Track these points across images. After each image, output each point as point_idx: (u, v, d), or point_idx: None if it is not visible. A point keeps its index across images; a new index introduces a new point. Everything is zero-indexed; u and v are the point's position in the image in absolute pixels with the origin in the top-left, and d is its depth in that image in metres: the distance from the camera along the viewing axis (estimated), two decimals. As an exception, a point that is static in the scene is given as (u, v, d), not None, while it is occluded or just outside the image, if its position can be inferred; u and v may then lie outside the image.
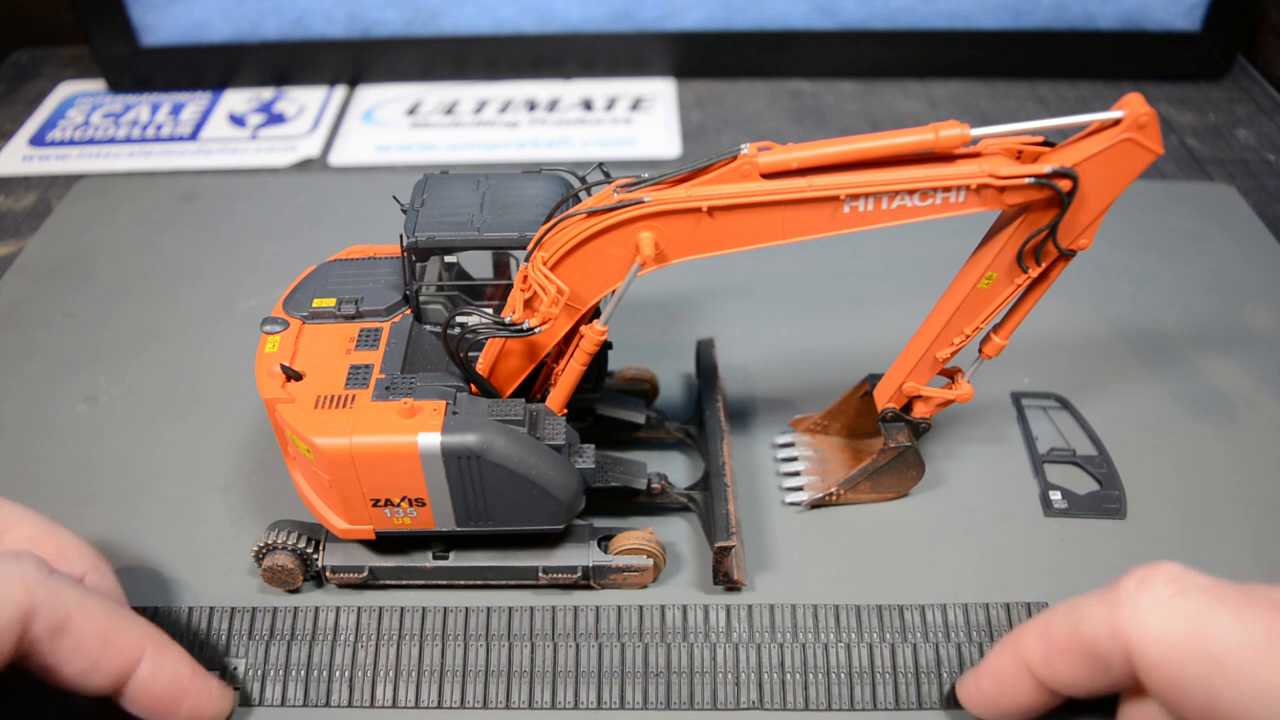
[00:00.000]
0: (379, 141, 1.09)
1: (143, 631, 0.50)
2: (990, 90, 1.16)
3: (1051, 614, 0.49)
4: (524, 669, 0.58)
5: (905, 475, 0.66)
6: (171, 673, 0.51)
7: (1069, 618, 0.48)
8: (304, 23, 1.13)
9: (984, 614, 0.60)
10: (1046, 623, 0.49)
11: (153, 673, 0.50)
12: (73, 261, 0.91)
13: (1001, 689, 0.51)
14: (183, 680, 0.51)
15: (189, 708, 0.52)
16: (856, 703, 0.56)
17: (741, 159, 0.50)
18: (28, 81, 1.21)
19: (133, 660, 0.49)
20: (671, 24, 1.14)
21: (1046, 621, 0.49)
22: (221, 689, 0.54)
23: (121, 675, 0.49)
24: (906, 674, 0.57)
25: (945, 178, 0.50)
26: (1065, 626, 0.48)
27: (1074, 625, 0.47)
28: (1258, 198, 0.97)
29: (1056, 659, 0.48)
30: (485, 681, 0.57)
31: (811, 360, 0.78)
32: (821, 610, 0.60)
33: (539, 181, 0.60)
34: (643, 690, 0.57)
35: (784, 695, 0.57)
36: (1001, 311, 0.58)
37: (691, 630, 0.59)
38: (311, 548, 0.60)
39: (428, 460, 0.53)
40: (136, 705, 0.50)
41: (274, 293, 0.63)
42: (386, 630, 0.59)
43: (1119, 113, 0.49)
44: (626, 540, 0.61)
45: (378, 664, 0.58)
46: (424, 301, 0.61)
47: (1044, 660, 0.49)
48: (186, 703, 0.51)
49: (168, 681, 0.50)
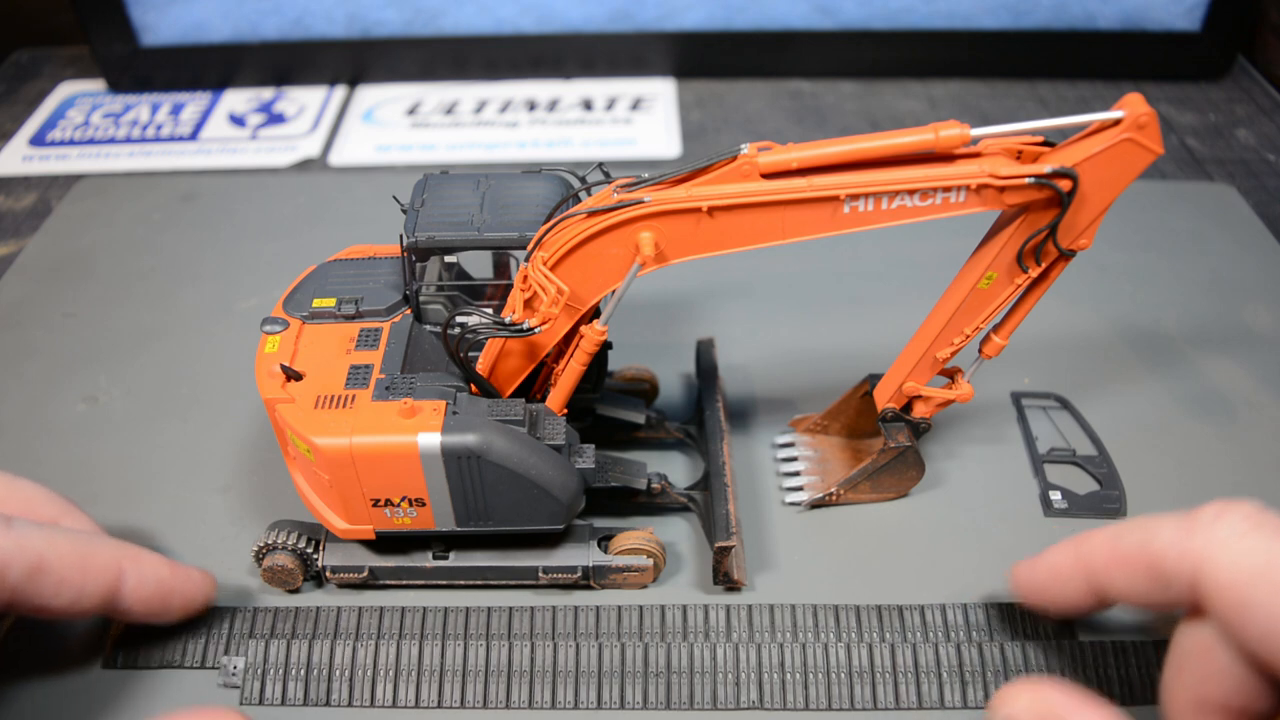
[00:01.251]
0: (379, 141, 1.09)
1: (115, 548, 0.54)
2: (990, 90, 1.16)
3: (1122, 527, 0.50)
4: (524, 668, 0.57)
5: (905, 475, 0.66)
6: (154, 576, 0.55)
7: (1140, 533, 0.48)
8: (304, 23, 1.13)
9: (983, 614, 0.60)
10: (1116, 533, 0.50)
11: (137, 581, 0.53)
12: (73, 261, 0.91)
13: (1053, 582, 0.53)
14: (165, 579, 0.55)
15: (179, 601, 0.56)
16: (857, 702, 0.56)
17: (741, 159, 0.50)
18: (28, 81, 1.21)
19: (114, 577, 0.52)
20: (671, 24, 1.14)
21: (1116, 531, 0.50)
22: (203, 576, 0.58)
23: (109, 593, 0.52)
24: (906, 674, 0.57)
25: (945, 178, 0.50)
26: (1135, 540, 0.48)
27: (1144, 541, 0.48)
28: (1258, 198, 0.97)
29: (1118, 568, 0.49)
30: (485, 681, 0.57)
31: (811, 360, 0.78)
32: (821, 610, 0.60)
33: (539, 181, 0.60)
34: (642, 690, 0.57)
35: (784, 695, 0.57)
36: (1001, 311, 0.58)
37: (691, 630, 0.59)
38: (311, 548, 0.60)
39: (428, 460, 0.53)
40: (132, 614, 0.54)
41: (274, 293, 0.63)
42: (387, 629, 0.59)
43: (1119, 113, 0.49)
44: (626, 540, 0.61)
45: (378, 663, 0.58)
46: (424, 301, 0.61)
47: (1105, 565, 0.50)
48: (175, 599, 0.56)
49: (152, 585, 0.54)
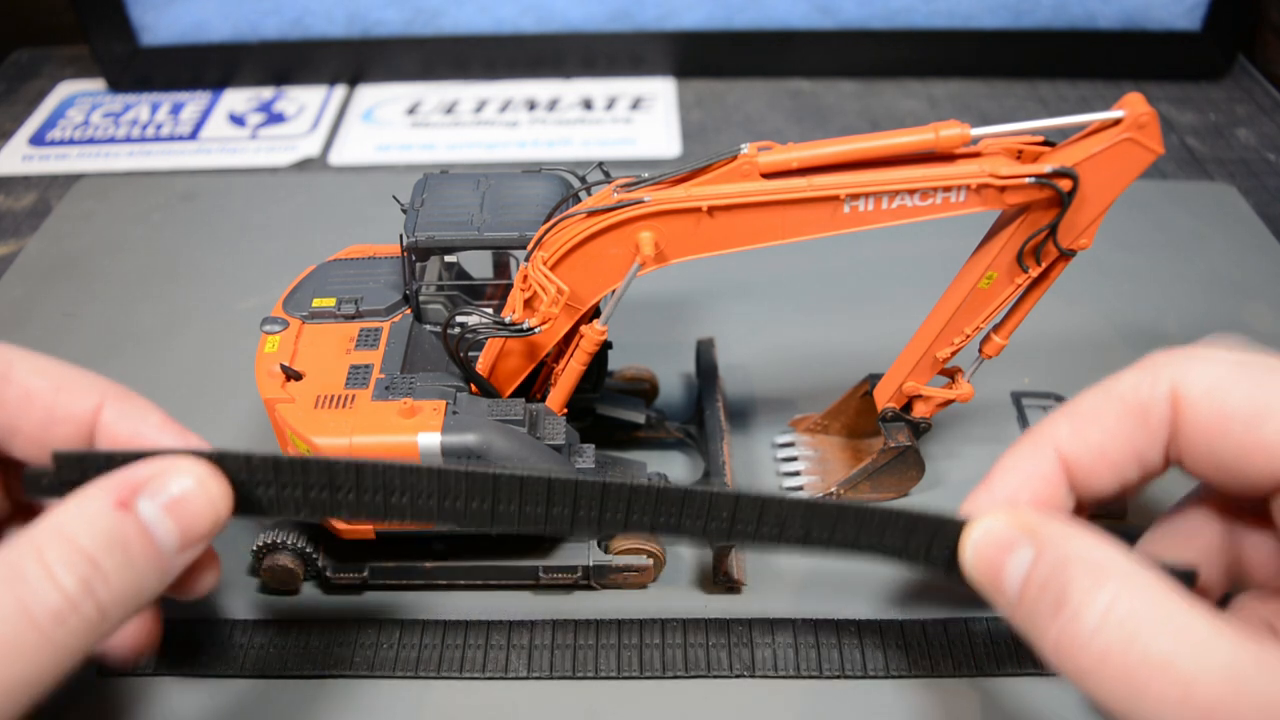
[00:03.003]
0: (379, 141, 1.09)
1: (102, 381, 0.47)
2: (990, 90, 1.16)
3: (1069, 404, 0.46)
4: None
5: (905, 475, 0.66)
6: (139, 414, 0.46)
7: (1097, 392, 0.45)
8: (304, 22, 1.13)
9: (984, 627, 0.60)
10: (1069, 405, 0.46)
11: (119, 415, 0.46)
12: (73, 261, 0.91)
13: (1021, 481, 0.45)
14: (153, 421, 0.46)
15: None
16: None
17: (741, 159, 0.50)
18: (28, 81, 1.21)
19: (92, 404, 0.45)
20: (671, 24, 1.14)
21: (1069, 404, 0.46)
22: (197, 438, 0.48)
23: (83, 421, 0.45)
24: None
25: (945, 177, 0.50)
26: (1094, 396, 0.45)
27: (1105, 392, 0.45)
28: (1258, 198, 0.97)
29: (1088, 426, 0.44)
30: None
31: (811, 360, 0.78)
32: (821, 612, 0.60)
33: (539, 181, 0.60)
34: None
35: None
36: (1001, 311, 0.58)
37: (691, 629, 0.59)
38: (312, 548, 0.60)
39: (428, 460, 0.53)
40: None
41: (274, 293, 0.63)
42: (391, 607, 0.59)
43: (1119, 112, 0.49)
44: (626, 540, 0.61)
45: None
46: (424, 301, 0.61)
47: (1073, 430, 0.45)
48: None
49: (135, 423, 0.46)
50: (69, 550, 0.38)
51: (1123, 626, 0.36)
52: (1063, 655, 0.37)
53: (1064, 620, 0.37)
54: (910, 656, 0.58)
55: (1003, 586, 0.41)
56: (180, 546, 0.41)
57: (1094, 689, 0.36)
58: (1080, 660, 0.37)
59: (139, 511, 0.40)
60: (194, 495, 0.41)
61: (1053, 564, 0.39)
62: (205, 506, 0.42)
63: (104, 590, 0.38)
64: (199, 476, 0.42)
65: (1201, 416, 0.42)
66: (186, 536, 0.41)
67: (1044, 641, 0.38)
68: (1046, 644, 0.38)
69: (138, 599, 0.40)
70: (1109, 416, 0.44)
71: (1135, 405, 0.44)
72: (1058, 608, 0.38)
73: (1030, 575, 0.39)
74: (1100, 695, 0.36)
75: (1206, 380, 0.42)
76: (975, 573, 0.42)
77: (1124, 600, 0.36)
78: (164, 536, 0.40)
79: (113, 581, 0.38)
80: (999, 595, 0.41)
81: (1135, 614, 0.36)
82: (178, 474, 0.41)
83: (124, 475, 0.41)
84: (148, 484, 0.41)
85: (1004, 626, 0.59)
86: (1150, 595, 0.36)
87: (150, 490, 0.41)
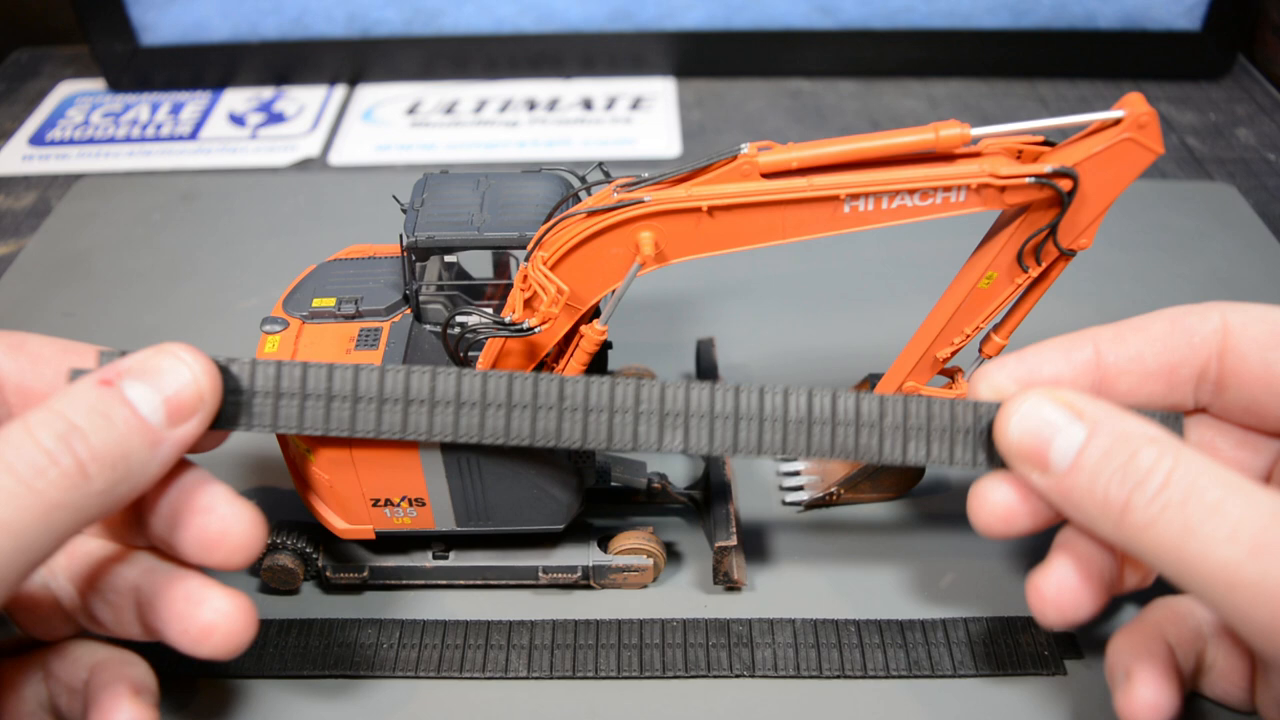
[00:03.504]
0: (379, 141, 1.09)
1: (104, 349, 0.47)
2: (990, 90, 1.16)
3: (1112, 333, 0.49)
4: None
5: (905, 475, 0.66)
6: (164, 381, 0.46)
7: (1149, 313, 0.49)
8: (304, 22, 1.13)
9: (984, 627, 0.60)
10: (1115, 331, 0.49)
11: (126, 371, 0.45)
12: (73, 261, 0.91)
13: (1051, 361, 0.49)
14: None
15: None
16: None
17: (741, 159, 0.50)
18: (27, 81, 1.21)
19: (94, 363, 0.46)
20: (671, 23, 1.14)
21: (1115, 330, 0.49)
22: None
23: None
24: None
25: (945, 177, 0.50)
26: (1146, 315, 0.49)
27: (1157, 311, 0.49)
28: (1258, 197, 0.97)
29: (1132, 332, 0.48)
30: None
31: (811, 360, 0.78)
32: (821, 612, 0.60)
33: (539, 181, 0.60)
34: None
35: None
36: (1002, 311, 0.58)
37: (691, 629, 0.59)
38: (312, 547, 0.60)
39: (428, 460, 0.53)
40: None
41: (274, 292, 0.63)
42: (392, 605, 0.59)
43: (1119, 112, 0.49)
44: (626, 540, 0.61)
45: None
46: (424, 301, 0.61)
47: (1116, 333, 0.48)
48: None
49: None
50: (50, 416, 0.41)
51: (1181, 485, 0.41)
52: (1127, 514, 0.42)
53: (1131, 484, 0.42)
54: (910, 656, 0.58)
55: (1049, 461, 0.44)
56: (168, 419, 0.44)
57: (1149, 542, 0.41)
58: (1142, 515, 0.41)
59: (122, 387, 0.43)
60: (175, 370, 0.44)
61: (1114, 436, 0.43)
62: (188, 380, 0.44)
63: (82, 447, 0.41)
64: (180, 355, 0.45)
65: (1248, 343, 0.46)
66: (171, 409, 0.44)
67: (1105, 507, 0.42)
68: (1110, 509, 0.42)
69: (125, 463, 0.42)
70: (1154, 327, 0.48)
71: (1183, 324, 0.48)
72: (1125, 475, 0.42)
73: (1086, 449, 0.43)
74: (1154, 547, 0.41)
75: (1256, 314, 0.47)
76: (1018, 447, 0.46)
77: (1183, 465, 0.41)
78: (148, 408, 0.43)
79: (92, 440, 0.41)
80: (1042, 466, 0.45)
81: (1192, 474, 0.41)
82: (160, 356, 0.45)
83: (112, 364, 0.44)
84: (132, 367, 0.44)
85: (1003, 627, 0.59)
86: (1202, 461, 0.42)
87: (134, 371, 0.44)
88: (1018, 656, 0.58)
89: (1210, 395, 0.49)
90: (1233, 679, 0.52)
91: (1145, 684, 0.48)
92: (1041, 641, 0.58)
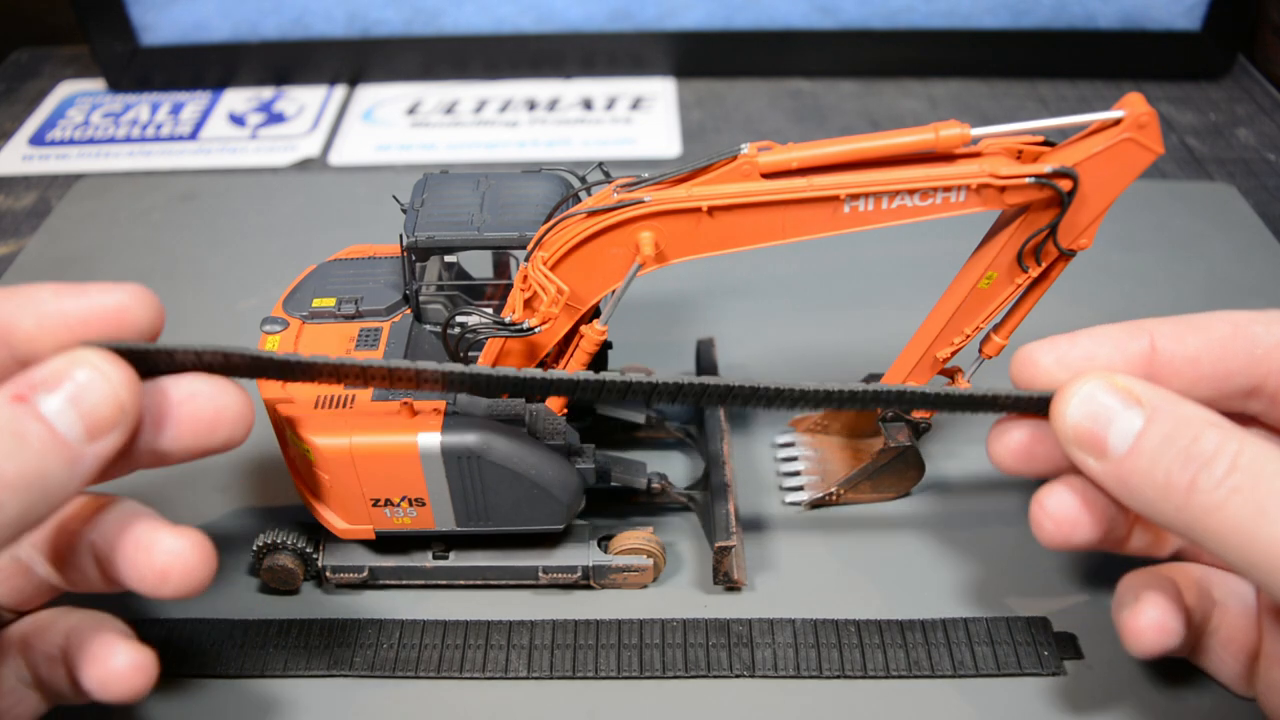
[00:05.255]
0: (379, 141, 1.09)
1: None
2: (990, 90, 1.16)
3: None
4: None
5: (905, 475, 0.66)
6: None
7: (1213, 313, 0.48)
8: (304, 22, 1.13)
9: (984, 628, 0.60)
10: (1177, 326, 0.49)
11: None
12: (73, 261, 0.91)
13: (1104, 347, 0.48)
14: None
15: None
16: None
17: (741, 159, 0.50)
18: (28, 81, 1.21)
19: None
20: (671, 23, 1.14)
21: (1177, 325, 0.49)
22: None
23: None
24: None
25: (945, 177, 0.50)
26: (1210, 314, 0.48)
27: (1222, 312, 0.48)
28: (1258, 198, 0.97)
29: (1192, 330, 0.48)
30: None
31: (811, 360, 0.78)
32: (821, 612, 0.60)
33: (539, 181, 0.60)
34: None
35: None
36: (1002, 311, 0.58)
37: (691, 629, 0.59)
38: (312, 548, 0.60)
39: (428, 460, 0.53)
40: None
41: (274, 292, 0.63)
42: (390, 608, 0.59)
43: (1119, 112, 0.49)
44: (626, 540, 0.61)
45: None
46: (424, 301, 0.61)
47: (1175, 329, 0.48)
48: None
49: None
50: None
51: (1251, 468, 0.41)
52: (1192, 496, 0.41)
53: (1196, 467, 0.41)
54: (910, 656, 0.58)
55: (1107, 444, 0.44)
56: (87, 434, 0.42)
57: (1215, 525, 0.41)
58: (1209, 498, 0.41)
59: (36, 403, 0.41)
60: (93, 383, 0.42)
61: (1175, 420, 0.43)
62: (106, 393, 0.42)
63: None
64: (98, 365, 0.43)
65: None
66: (91, 423, 0.42)
67: (1166, 490, 0.42)
68: (1172, 491, 0.42)
69: (41, 484, 0.40)
70: (1216, 329, 0.47)
71: (1248, 331, 0.47)
72: (1188, 458, 0.42)
73: (1146, 432, 0.43)
74: (1221, 530, 0.41)
75: None
76: (1075, 432, 0.45)
77: (1249, 449, 0.41)
78: (64, 423, 0.41)
79: (5, 465, 0.39)
80: (1099, 452, 0.45)
81: (1257, 459, 0.41)
82: (77, 365, 0.42)
83: (25, 374, 0.42)
84: (47, 379, 0.42)
85: (1003, 627, 0.59)
86: (1269, 446, 0.41)
87: (48, 384, 0.42)
88: (1018, 656, 0.58)
89: (1265, 406, 0.48)
90: (1234, 653, 0.52)
91: (1154, 606, 0.48)
92: (1041, 642, 0.58)
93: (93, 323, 0.45)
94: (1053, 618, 0.60)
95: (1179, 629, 0.48)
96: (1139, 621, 0.48)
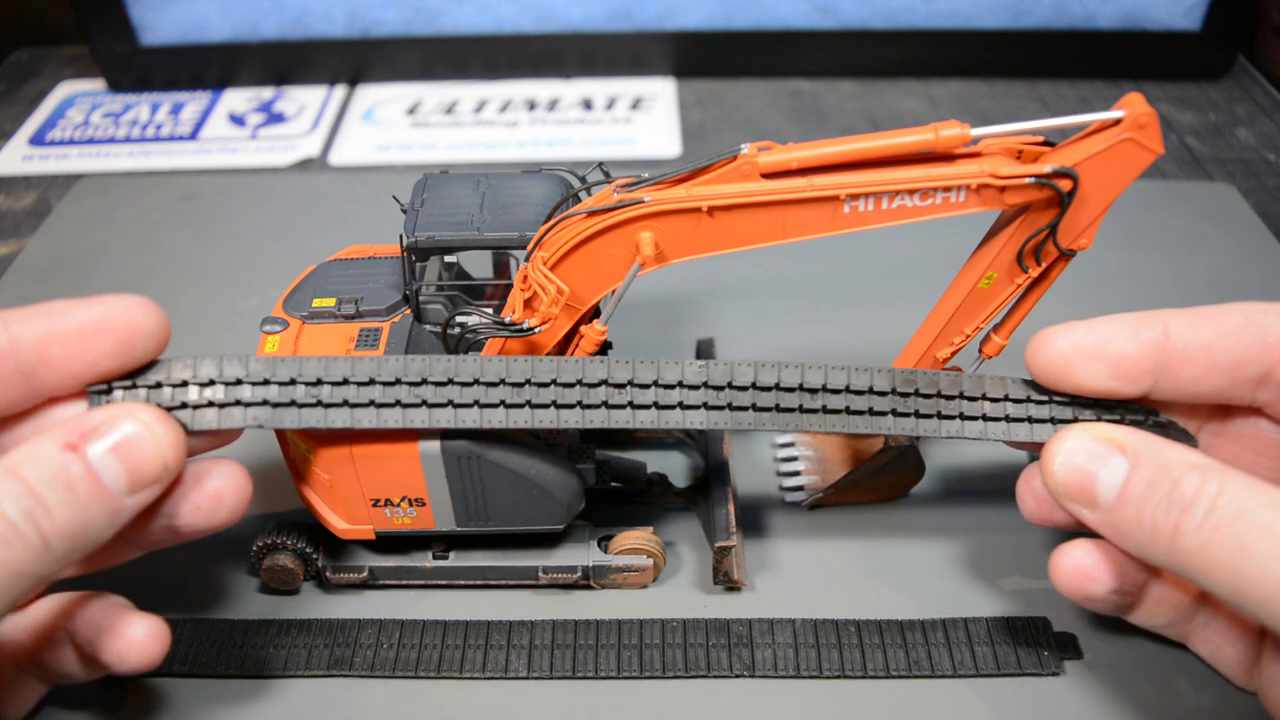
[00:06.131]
0: (379, 141, 1.09)
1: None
2: (990, 90, 1.16)
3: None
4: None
5: (905, 475, 0.66)
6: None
7: (1227, 304, 0.49)
8: (304, 22, 1.13)
9: (984, 628, 0.60)
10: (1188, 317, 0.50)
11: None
12: (73, 261, 0.91)
13: (1118, 335, 0.49)
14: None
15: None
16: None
17: (741, 159, 0.50)
18: (28, 81, 1.21)
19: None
20: (671, 23, 1.14)
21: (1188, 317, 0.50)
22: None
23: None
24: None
25: (945, 177, 0.50)
26: (1223, 305, 0.50)
27: (1235, 304, 0.49)
28: (1258, 198, 0.97)
29: (1206, 321, 0.49)
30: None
31: (811, 360, 0.78)
32: (820, 612, 0.60)
33: (539, 181, 0.60)
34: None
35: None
36: (1002, 311, 0.58)
37: (691, 629, 0.59)
38: (312, 548, 0.60)
39: (427, 460, 0.53)
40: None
41: (274, 293, 0.63)
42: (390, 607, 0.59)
43: (1119, 112, 0.49)
44: (626, 540, 0.61)
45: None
46: (424, 301, 0.61)
47: (1189, 319, 0.49)
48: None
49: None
50: (15, 485, 0.41)
51: (1230, 508, 0.42)
52: (1177, 539, 0.43)
53: (1178, 511, 0.43)
54: (910, 657, 0.58)
55: (1096, 495, 0.46)
56: (129, 488, 0.44)
57: (1203, 564, 0.42)
58: (1192, 539, 0.42)
59: (86, 453, 0.43)
60: (141, 439, 0.44)
61: (1156, 467, 0.45)
62: (152, 450, 0.44)
63: (46, 521, 0.41)
64: (147, 422, 0.45)
65: None
66: (134, 478, 0.44)
67: (1154, 534, 0.44)
68: (1159, 536, 0.43)
69: (85, 533, 0.42)
70: (1229, 320, 0.49)
71: (1259, 320, 0.48)
72: (1170, 503, 0.43)
73: (1130, 480, 0.45)
74: (1208, 568, 0.42)
75: None
76: (1065, 487, 0.47)
77: (1229, 488, 0.42)
78: (111, 478, 0.43)
79: (55, 515, 0.41)
80: (1090, 503, 0.46)
81: (1239, 497, 0.42)
82: (127, 419, 0.44)
83: (77, 420, 0.44)
84: (97, 428, 0.44)
85: (1003, 627, 0.59)
86: (1250, 482, 0.43)
87: (99, 434, 0.43)
88: (1018, 656, 0.58)
89: (1274, 396, 0.49)
90: (1233, 641, 0.53)
91: (1082, 549, 0.49)
92: (1041, 642, 0.58)
93: (100, 332, 0.46)
94: (1053, 618, 0.60)
95: (1107, 581, 0.49)
96: (1064, 558, 0.49)
